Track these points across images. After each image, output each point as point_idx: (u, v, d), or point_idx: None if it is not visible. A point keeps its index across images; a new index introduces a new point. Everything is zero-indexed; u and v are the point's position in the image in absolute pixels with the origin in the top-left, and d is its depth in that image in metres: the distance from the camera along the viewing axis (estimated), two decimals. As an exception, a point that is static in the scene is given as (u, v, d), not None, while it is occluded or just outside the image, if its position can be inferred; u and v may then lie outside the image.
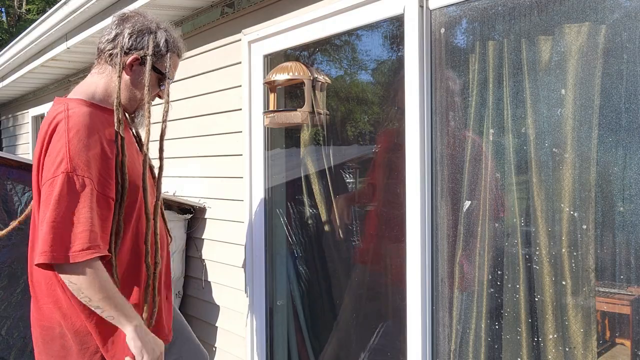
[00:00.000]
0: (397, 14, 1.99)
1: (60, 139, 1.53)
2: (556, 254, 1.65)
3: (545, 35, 1.65)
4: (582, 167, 1.58)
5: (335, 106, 2.69)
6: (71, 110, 1.59)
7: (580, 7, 1.57)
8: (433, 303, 1.94)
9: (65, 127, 1.53)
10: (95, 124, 1.59)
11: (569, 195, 1.62)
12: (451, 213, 1.90)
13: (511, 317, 1.76)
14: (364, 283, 2.64)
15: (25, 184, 2.65)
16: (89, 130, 1.56)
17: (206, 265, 3.10)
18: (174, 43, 1.79)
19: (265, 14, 2.63)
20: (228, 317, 2.94)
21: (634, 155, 1.46)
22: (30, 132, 6.31)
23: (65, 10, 3.51)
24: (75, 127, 1.54)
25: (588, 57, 1.57)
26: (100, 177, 1.55)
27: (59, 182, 1.48)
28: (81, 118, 1.57)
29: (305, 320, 2.82)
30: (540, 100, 1.67)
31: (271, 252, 2.75)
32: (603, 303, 1.60)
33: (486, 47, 1.79)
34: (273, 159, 2.73)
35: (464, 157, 1.86)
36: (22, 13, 18.59)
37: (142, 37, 1.73)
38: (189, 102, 3.21)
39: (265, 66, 2.66)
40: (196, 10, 3.07)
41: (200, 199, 3.14)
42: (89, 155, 1.53)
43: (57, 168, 1.50)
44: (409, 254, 1.95)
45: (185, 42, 3.24)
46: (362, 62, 2.74)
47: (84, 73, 4.65)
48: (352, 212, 2.66)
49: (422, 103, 1.91)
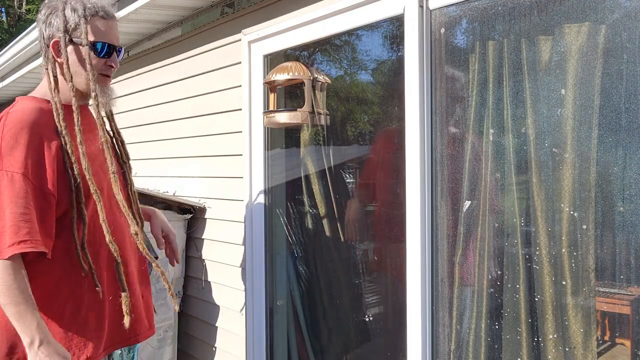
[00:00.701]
0: (397, 14, 1.99)
1: None
2: (556, 254, 1.65)
3: (545, 35, 1.65)
4: (582, 167, 1.58)
5: (335, 106, 2.69)
6: (13, 108, 1.60)
7: (580, 7, 1.57)
8: (433, 303, 1.94)
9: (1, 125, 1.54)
10: (35, 119, 1.57)
11: (569, 195, 1.62)
12: (451, 213, 1.90)
13: (511, 317, 1.76)
14: (363, 283, 2.64)
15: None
16: (24, 124, 1.54)
17: (206, 265, 3.10)
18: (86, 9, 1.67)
19: (265, 14, 2.63)
20: (228, 317, 2.94)
21: (634, 155, 1.46)
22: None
23: (65, 10, 3.51)
24: (10, 124, 1.53)
25: (588, 57, 1.57)
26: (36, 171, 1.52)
27: None
28: (18, 114, 1.56)
29: (305, 320, 2.82)
30: (540, 100, 1.66)
31: (271, 252, 2.75)
32: (603, 303, 1.60)
33: (486, 47, 1.79)
34: (273, 159, 2.73)
35: (464, 157, 1.86)
36: (22, 13, 18.59)
37: (54, 20, 1.66)
38: (189, 102, 3.21)
39: (265, 66, 2.66)
40: (196, 10, 3.07)
41: (200, 199, 3.14)
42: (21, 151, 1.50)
43: None
44: (409, 253, 1.95)
45: (185, 42, 3.26)
46: (362, 62, 2.74)
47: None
48: (360, 212, 2.66)
49: (422, 103, 1.91)
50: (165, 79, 3.44)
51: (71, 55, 1.66)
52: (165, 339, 3.02)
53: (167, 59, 3.43)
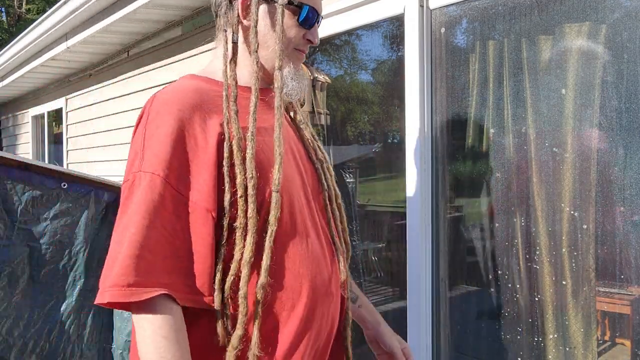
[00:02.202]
0: (397, 14, 1.99)
1: (139, 126, 1.08)
2: (556, 254, 1.65)
3: (546, 35, 1.65)
4: (582, 167, 1.58)
5: (335, 106, 2.69)
6: (164, 88, 1.12)
7: (580, 7, 1.56)
8: (433, 303, 1.94)
9: (147, 110, 1.08)
10: (191, 102, 1.06)
11: (569, 195, 1.62)
12: (451, 212, 1.90)
13: (511, 317, 1.76)
14: (364, 283, 2.64)
15: (25, 184, 2.65)
16: (172, 109, 1.04)
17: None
18: None
19: (265, 14, 2.63)
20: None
21: (634, 155, 1.46)
22: (30, 131, 6.31)
23: (65, 10, 3.51)
24: (157, 107, 1.06)
25: (588, 57, 1.57)
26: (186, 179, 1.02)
27: (128, 188, 1.03)
28: (168, 96, 1.07)
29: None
30: (540, 99, 1.66)
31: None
32: (603, 303, 1.60)
33: (486, 47, 1.79)
34: (273, 159, 2.73)
35: (464, 157, 1.86)
36: (22, 13, 18.60)
37: None
38: (189, 101, 3.21)
39: (265, 66, 2.65)
40: (196, 10, 3.06)
41: (200, 198, 3.14)
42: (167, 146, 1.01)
43: (129, 169, 1.05)
44: (409, 253, 1.95)
45: (185, 42, 3.26)
46: (362, 62, 2.74)
47: (83, 73, 4.65)
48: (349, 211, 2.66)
49: (422, 103, 1.91)
50: (165, 79, 3.44)
51: (263, 19, 1.16)
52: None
53: (167, 59, 3.43)
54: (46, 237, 2.68)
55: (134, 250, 0.96)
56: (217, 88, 1.12)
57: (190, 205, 1.01)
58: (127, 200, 1.01)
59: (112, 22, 3.23)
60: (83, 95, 4.74)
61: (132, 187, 1.01)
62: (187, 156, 1.03)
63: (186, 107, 1.05)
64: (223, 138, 1.05)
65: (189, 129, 1.04)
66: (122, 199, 1.03)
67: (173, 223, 1.00)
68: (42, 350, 2.69)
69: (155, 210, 0.98)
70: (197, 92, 1.09)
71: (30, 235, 2.64)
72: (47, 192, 2.66)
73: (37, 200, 2.65)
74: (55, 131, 5.99)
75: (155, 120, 1.04)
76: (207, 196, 1.02)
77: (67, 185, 2.66)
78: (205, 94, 1.09)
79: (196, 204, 1.01)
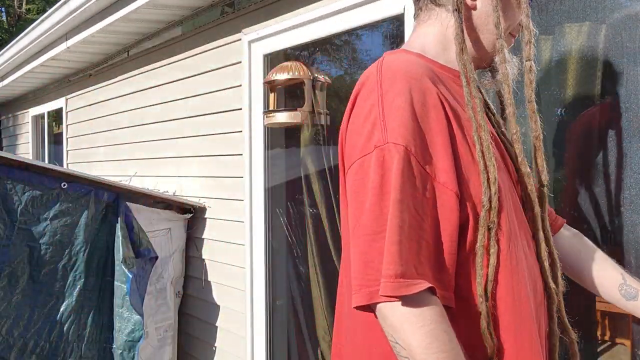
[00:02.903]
0: (397, 14, 1.99)
1: (369, 96, 0.96)
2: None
3: (546, 35, 1.65)
4: (582, 167, 1.58)
5: (335, 106, 2.69)
6: (387, 58, 1.04)
7: (580, 6, 1.56)
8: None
9: (376, 79, 0.97)
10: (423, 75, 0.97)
11: (569, 194, 1.62)
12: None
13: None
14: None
15: (25, 184, 2.65)
16: (411, 79, 0.94)
17: (206, 265, 3.10)
18: None
19: (265, 14, 2.63)
20: (228, 317, 2.94)
21: (634, 155, 1.46)
22: (30, 131, 6.31)
23: (65, 10, 3.51)
24: (392, 75, 0.96)
25: (588, 57, 1.57)
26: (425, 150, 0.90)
27: (372, 165, 0.89)
28: (402, 65, 0.99)
29: (305, 320, 2.82)
30: (539, 99, 1.66)
31: (271, 252, 2.75)
32: (603, 303, 1.59)
33: (486, 47, 1.79)
34: (273, 159, 2.73)
35: (464, 157, 1.86)
36: (22, 13, 18.60)
37: None
38: (189, 101, 3.21)
39: (265, 66, 2.66)
40: (196, 10, 3.06)
41: (200, 198, 3.14)
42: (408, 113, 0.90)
43: (366, 141, 0.92)
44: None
45: (185, 41, 3.26)
46: (362, 62, 2.74)
47: (83, 73, 4.65)
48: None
49: (422, 103, 1.90)
50: (165, 79, 3.45)
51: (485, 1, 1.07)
52: (165, 339, 3.02)
53: (167, 59, 3.43)
54: (46, 237, 2.68)
55: (396, 235, 0.84)
56: (432, 66, 1.05)
57: (438, 187, 0.89)
58: (375, 174, 0.88)
59: (112, 22, 3.23)
60: (83, 95, 4.74)
61: (378, 160, 0.88)
62: (429, 131, 0.92)
63: (422, 78, 0.95)
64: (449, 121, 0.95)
65: (425, 103, 0.93)
66: (359, 173, 0.91)
67: (424, 206, 0.88)
68: (42, 350, 2.69)
69: (412, 189, 0.87)
70: (424, 67, 1.01)
71: (30, 235, 2.65)
72: (47, 192, 2.66)
73: (37, 200, 2.66)
74: (55, 131, 5.99)
75: (393, 88, 0.93)
76: (454, 179, 0.91)
77: (67, 185, 2.67)
78: (429, 70, 1.01)
79: (445, 186, 0.90)
